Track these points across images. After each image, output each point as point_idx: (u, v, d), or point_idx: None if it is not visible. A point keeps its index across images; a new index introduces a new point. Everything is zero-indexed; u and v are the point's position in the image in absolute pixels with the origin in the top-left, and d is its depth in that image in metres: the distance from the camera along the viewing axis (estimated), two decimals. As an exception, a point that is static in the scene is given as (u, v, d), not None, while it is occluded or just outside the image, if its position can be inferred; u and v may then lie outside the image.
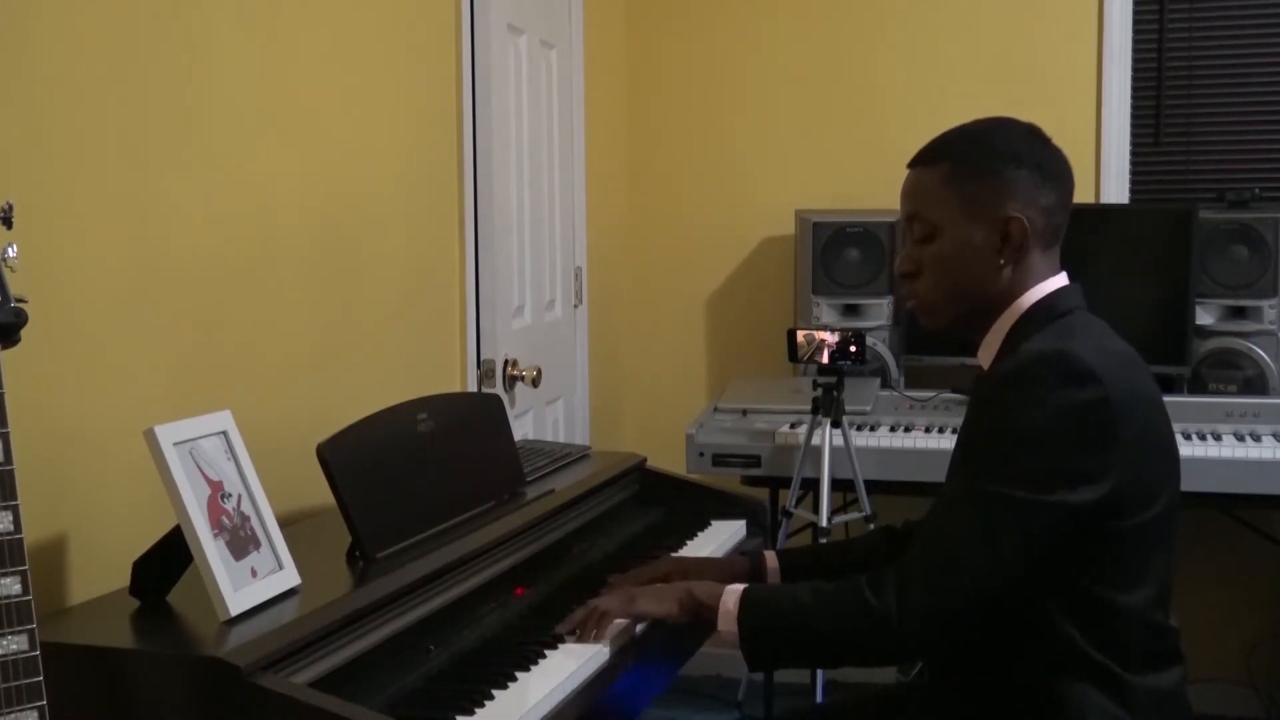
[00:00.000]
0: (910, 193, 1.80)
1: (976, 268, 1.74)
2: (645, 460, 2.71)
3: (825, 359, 3.09)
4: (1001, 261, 1.73)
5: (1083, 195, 3.80)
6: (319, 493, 1.90)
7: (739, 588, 1.80)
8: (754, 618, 1.76)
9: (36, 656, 1.26)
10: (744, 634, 1.76)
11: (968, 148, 1.77)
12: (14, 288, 1.31)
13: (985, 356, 1.79)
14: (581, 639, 1.85)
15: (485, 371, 2.96)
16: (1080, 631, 1.64)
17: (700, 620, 1.85)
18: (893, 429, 3.36)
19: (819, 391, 3.11)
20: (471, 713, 1.60)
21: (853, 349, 3.07)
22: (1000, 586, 1.63)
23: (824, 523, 3.06)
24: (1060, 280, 1.77)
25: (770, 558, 2.09)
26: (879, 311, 3.64)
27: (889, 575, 1.67)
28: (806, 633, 1.73)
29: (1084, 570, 1.64)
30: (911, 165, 1.81)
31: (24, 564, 1.26)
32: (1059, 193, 1.77)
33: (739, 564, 2.11)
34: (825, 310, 3.69)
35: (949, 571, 1.64)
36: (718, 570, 2.08)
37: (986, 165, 1.74)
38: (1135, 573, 1.65)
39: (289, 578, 1.71)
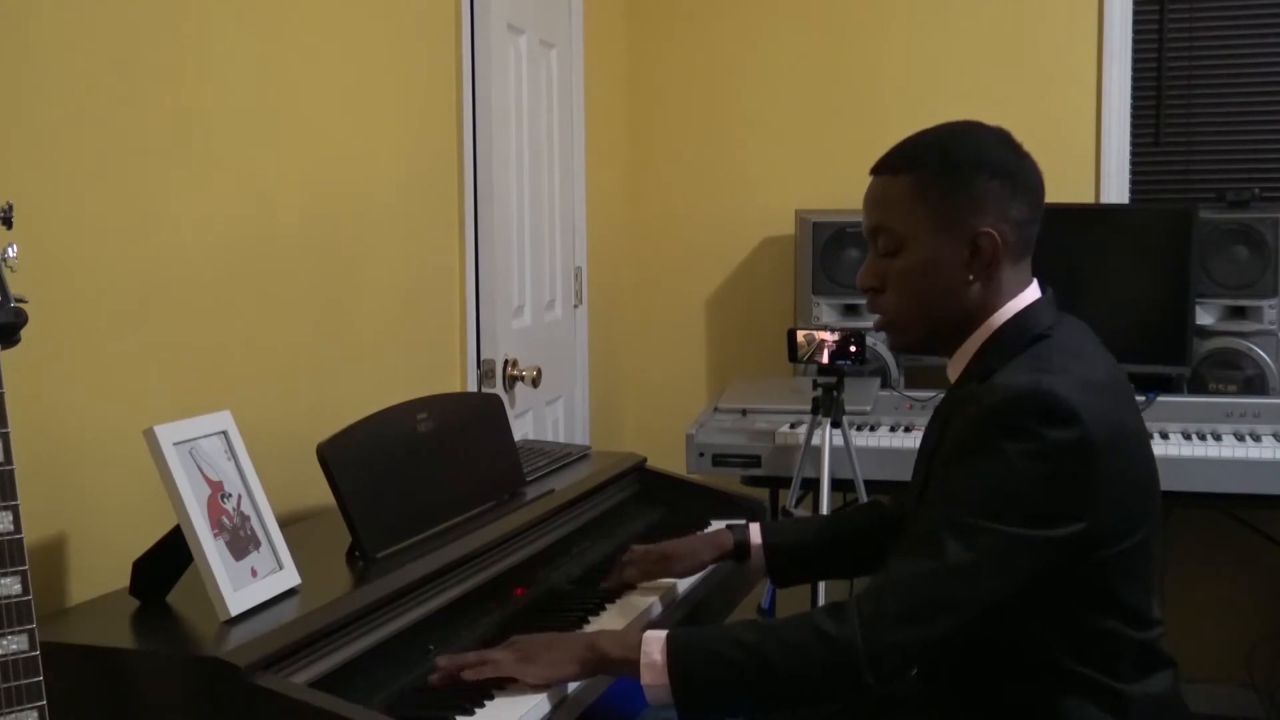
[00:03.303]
0: (875, 202, 1.73)
1: (944, 283, 1.68)
2: (645, 460, 2.71)
3: (825, 359, 3.09)
4: (970, 277, 1.68)
5: (1083, 195, 3.82)
6: (319, 493, 1.89)
7: (660, 635, 1.63)
8: (687, 666, 1.60)
9: (36, 656, 1.26)
10: (678, 687, 1.60)
11: (936, 157, 1.69)
12: (14, 288, 1.31)
13: (953, 371, 1.76)
14: (463, 680, 1.64)
15: (485, 371, 2.96)
16: (1066, 649, 1.63)
17: (612, 675, 1.72)
18: (893, 429, 3.36)
19: (819, 391, 3.11)
20: (471, 713, 1.60)
21: (853, 349, 3.07)
22: (976, 621, 1.59)
23: (824, 523, 3.06)
24: (1033, 293, 1.72)
25: (755, 531, 2.09)
26: (879, 311, 3.63)
27: (851, 604, 1.58)
28: (755, 675, 1.59)
29: (1063, 595, 1.62)
30: (875, 172, 1.74)
31: (24, 564, 1.26)
32: (1030, 203, 1.69)
33: (723, 537, 2.11)
34: (825, 310, 3.69)
35: (927, 606, 1.57)
36: (702, 546, 2.11)
37: (956, 176, 1.67)
38: (1112, 598, 1.63)
39: (289, 578, 1.71)
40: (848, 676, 1.57)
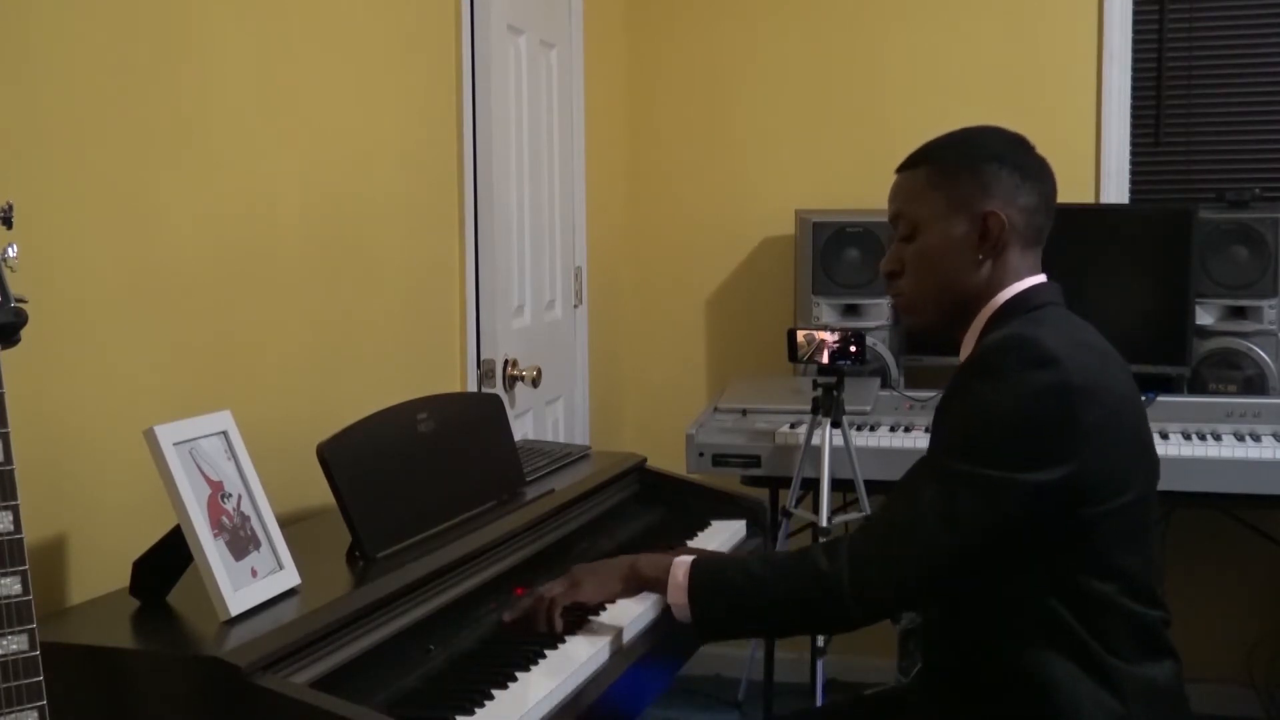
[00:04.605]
0: (896, 194, 1.85)
1: (956, 263, 1.78)
2: (645, 460, 2.71)
3: (825, 359, 3.09)
4: (980, 257, 1.78)
5: (1083, 195, 3.82)
6: (319, 493, 1.90)
7: (687, 559, 1.83)
8: (704, 589, 1.79)
9: (36, 656, 1.26)
10: (695, 605, 1.79)
11: (951, 149, 1.82)
12: (14, 288, 1.31)
13: (964, 353, 1.82)
14: (533, 628, 1.85)
15: (485, 371, 2.96)
16: (1065, 610, 1.66)
17: (648, 593, 1.90)
18: (893, 429, 3.36)
19: (819, 391, 3.11)
20: (471, 713, 1.60)
21: (853, 349, 3.07)
22: (955, 565, 1.66)
23: (824, 523, 3.06)
24: (1038, 279, 1.80)
25: None
26: (879, 311, 3.64)
27: (842, 543, 1.71)
28: (758, 601, 1.76)
29: (1059, 554, 1.66)
30: (898, 170, 1.86)
31: (24, 564, 1.26)
32: (1040, 195, 1.81)
33: None
34: (825, 310, 3.69)
35: (906, 546, 1.67)
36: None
37: (967, 163, 1.79)
38: (1107, 561, 1.67)
39: (289, 578, 1.71)
40: (835, 609, 1.71)
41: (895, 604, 1.77)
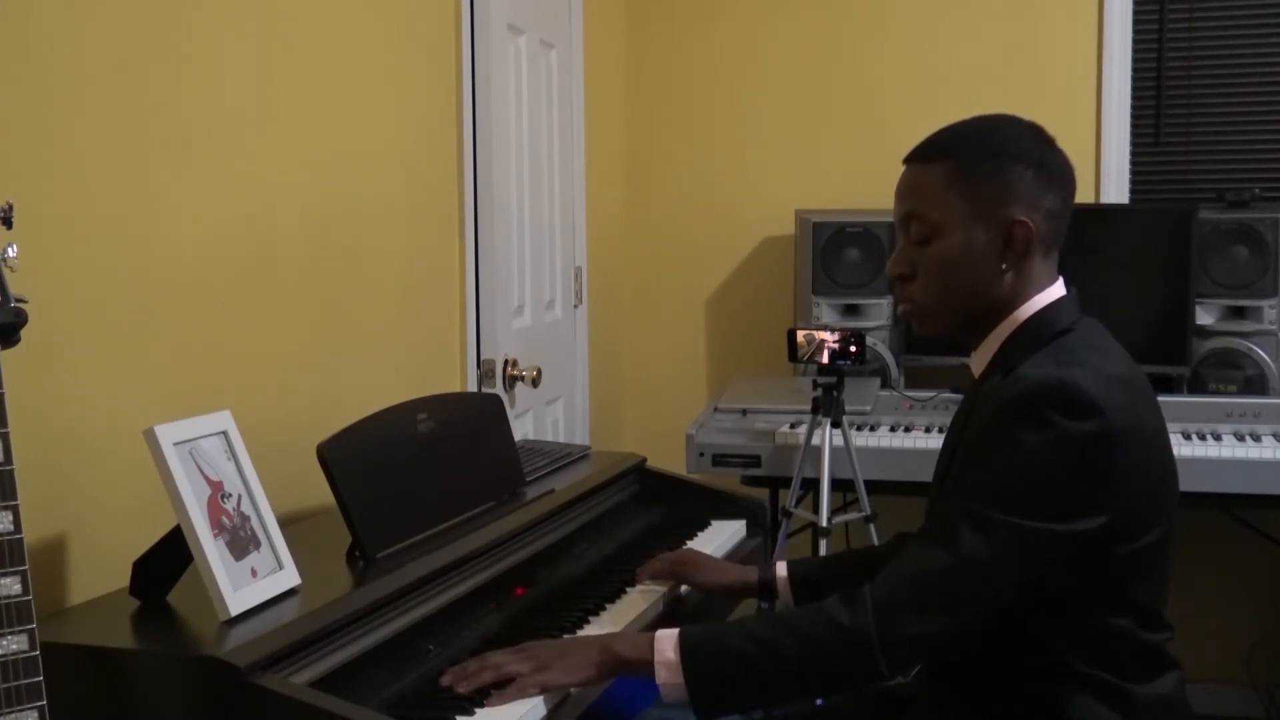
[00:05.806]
0: (907, 191, 1.72)
1: (977, 272, 1.68)
2: (645, 460, 2.71)
3: (825, 359, 3.09)
4: (1004, 266, 1.67)
5: (1083, 195, 3.78)
6: (319, 493, 1.90)
7: (672, 633, 1.65)
8: (701, 662, 1.62)
9: (36, 656, 1.26)
10: (692, 683, 1.61)
11: (972, 145, 1.69)
12: (14, 288, 1.31)
13: (977, 365, 1.76)
14: (474, 692, 1.62)
15: (485, 371, 2.96)
16: (1072, 648, 1.62)
17: (628, 677, 1.70)
18: (893, 429, 3.36)
19: (819, 391, 3.11)
20: (471, 713, 1.59)
21: (853, 349, 3.07)
22: (989, 613, 1.59)
23: (824, 523, 3.06)
24: (1058, 290, 1.72)
25: (780, 567, 2.06)
26: (879, 311, 3.64)
27: (865, 593, 1.59)
28: (767, 666, 1.61)
29: (1073, 593, 1.61)
30: (909, 161, 1.73)
31: (24, 564, 1.26)
32: (1063, 196, 1.71)
33: (749, 573, 2.08)
34: (825, 310, 3.69)
35: (940, 597, 1.58)
36: (730, 574, 2.09)
37: (991, 165, 1.67)
38: (1123, 597, 1.63)
39: (289, 578, 1.71)
40: (862, 665, 1.58)
41: (927, 654, 1.65)
